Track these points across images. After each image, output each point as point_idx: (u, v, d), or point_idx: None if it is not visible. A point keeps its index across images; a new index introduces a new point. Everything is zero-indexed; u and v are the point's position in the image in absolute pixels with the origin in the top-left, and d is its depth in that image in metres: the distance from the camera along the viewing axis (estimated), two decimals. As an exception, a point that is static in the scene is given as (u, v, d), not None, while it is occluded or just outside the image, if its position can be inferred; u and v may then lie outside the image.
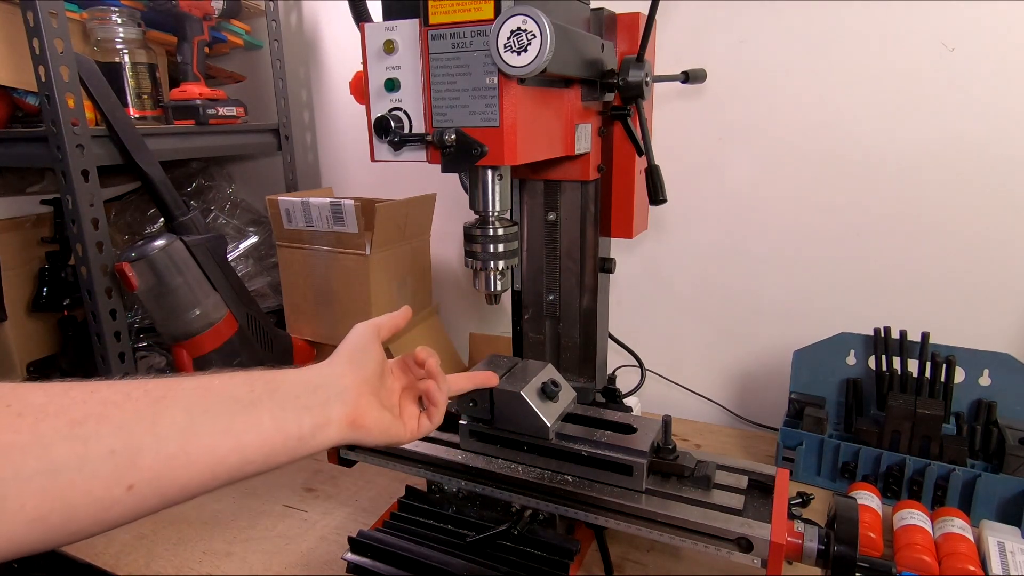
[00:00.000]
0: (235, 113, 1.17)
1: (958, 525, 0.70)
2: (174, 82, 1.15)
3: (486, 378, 0.63)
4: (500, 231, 0.61)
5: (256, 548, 0.75)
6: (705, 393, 1.09)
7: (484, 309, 1.29)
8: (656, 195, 0.67)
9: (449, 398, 0.56)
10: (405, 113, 0.58)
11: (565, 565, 0.62)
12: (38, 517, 0.31)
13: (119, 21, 1.03)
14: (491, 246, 0.61)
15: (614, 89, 0.69)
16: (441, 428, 0.72)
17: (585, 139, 0.70)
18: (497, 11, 0.51)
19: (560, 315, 0.81)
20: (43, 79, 0.83)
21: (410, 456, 0.69)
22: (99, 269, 0.89)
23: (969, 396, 0.84)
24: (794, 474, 0.83)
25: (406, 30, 0.56)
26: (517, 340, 0.84)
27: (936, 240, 0.89)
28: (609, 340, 0.88)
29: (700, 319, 1.08)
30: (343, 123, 1.35)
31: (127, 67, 1.05)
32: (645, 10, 0.65)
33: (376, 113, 0.59)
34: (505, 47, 0.50)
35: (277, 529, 0.78)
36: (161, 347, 1.11)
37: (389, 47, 0.56)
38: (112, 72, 1.03)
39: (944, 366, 0.82)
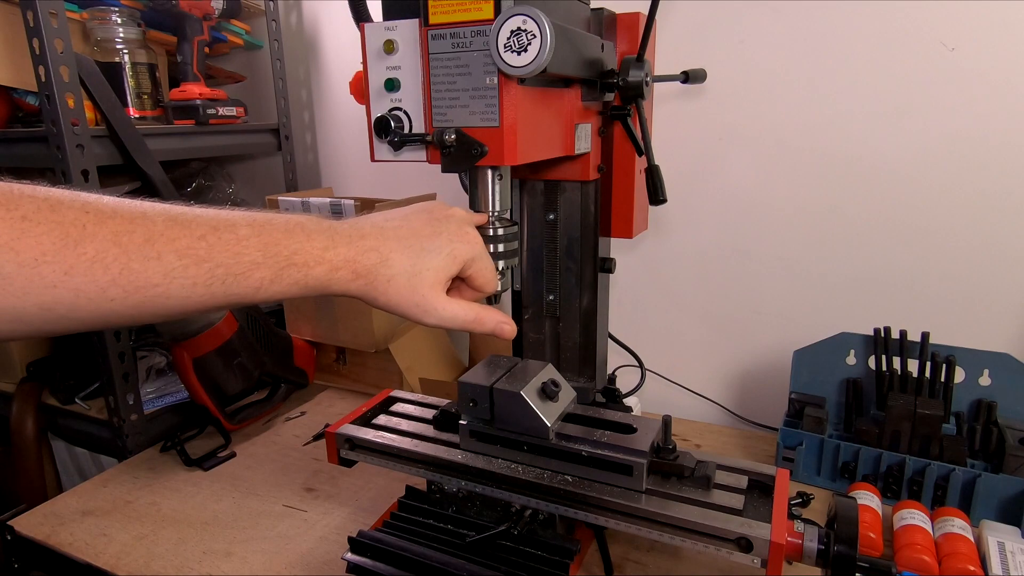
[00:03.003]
0: (235, 113, 1.17)
1: (958, 525, 0.70)
2: (174, 82, 1.15)
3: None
4: (500, 231, 0.61)
5: (256, 548, 0.75)
6: (705, 393, 1.09)
7: (484, 309, 1.29)
8: (656, 195, 0.67)
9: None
10: (405, 113, 0.58)
11: (565, 565, 0.62)
12: (49, 304, 0.37)
13: (119, 21, 1.03)
14: (491, 246, 0.61)
15: (614, 89, 0.69)
16: (441, 428, 0.72)
17: (585, 139, 0.70)
18: (497, 11, 0.51)
19: (560, 315, 0.81)
20: (43, 79, 0.83)
21: (410, 456, 0.69)
22: (99, 269, 0.89)
23: (969, 396, 0.84)
24: (794, 474, 0.83)
25: (406, 30, 0.56)
26: (517, 340, 0.84)
27: (936, 240, 0.89)
28: (609, 340, 0.88)
29: (700, 319, 1.08)
30: (343, 123, 1.35)
31: (127, 67, 1.06)
32: (645, 10, 0.65)
33: (376, 113, 0.59)
34: (505, 47, 0.50)
35: (277, 529, 0.78)
36: (161, 347, 1.11)
37: (389, 47, 0.56)
38: (112, 72, 1.03)
39: (944, 366, 0.82)
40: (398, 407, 0.80)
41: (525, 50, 0.50)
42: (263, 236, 0.45)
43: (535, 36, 0.49)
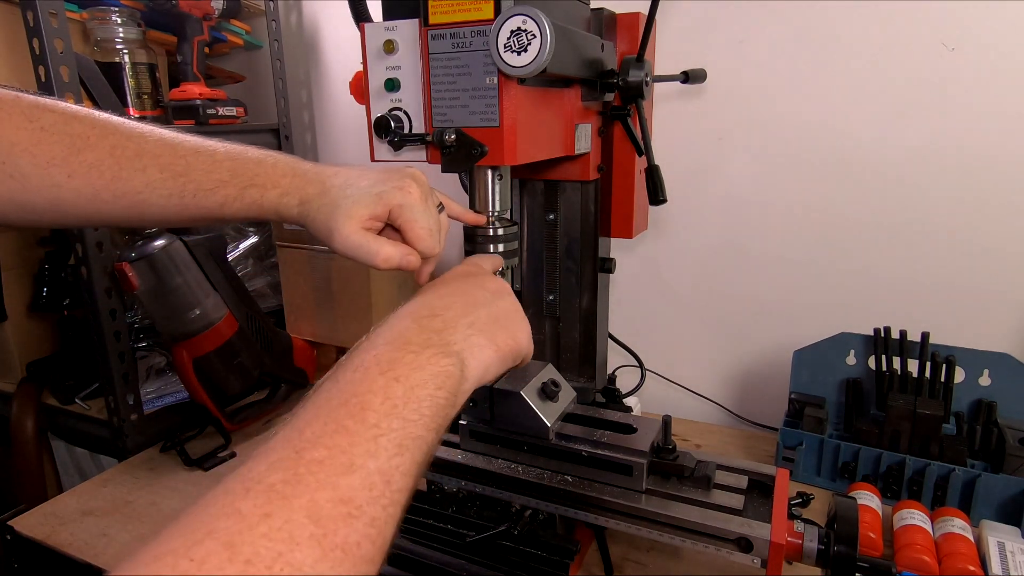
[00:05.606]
0: (235, 113, 1.17)
1: (958, 525, 0.70)
2: (174, 82, 1.15)
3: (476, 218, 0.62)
4: (500, 231, 0.61)
5: (256, 548, 0.75)
6: (705, 393, 1.09)
7: (484, 309, 1.29)
8: (656, 195, 0.67)
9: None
10: (405, 113, 0.58)
11: (565, 565, 0.62)
12: (55, 200, 0.45)
13: (119, 21, 1.03)
14: (491, 246, 0.61)
15: (614, 89, 0.69)
16: (441, 428, 0.72)
17: (585, 139, 0.70)
18: (497, 11, 0.51)
19: (560, 315, 0.81)
20: (43, 79, 0.83)
21: (410, 456, 0.69)
22: (99, 269, 0.89)
23: (969, 396, 0.84)
24: (794, 474, 0.83)
25: (406, 30, 0.56)
26: (517, 340, 0.84)
27: (936, 240, 0.89)
28: (609, 340, 0.88)
29: (700, 319, 1.08)
30: (343, 123, 1.35)
31: (127, 67, 1.05)
32: (645, 10, 0.65)
33: (376, 113, 0.59)
34: (505, 47, 0.50)
35: (277, 529, 0.78)
36: (161, 347, 1.11)
37: (389, 47, 0.56)
38: (112, 72, 1.03)
39: (944, 366, 0.82)
40: (398, 407, 0.80)
41: (525, 50, 0.50)
42: (236, 161, 0.50)
43: (535, 36, 0.49)
